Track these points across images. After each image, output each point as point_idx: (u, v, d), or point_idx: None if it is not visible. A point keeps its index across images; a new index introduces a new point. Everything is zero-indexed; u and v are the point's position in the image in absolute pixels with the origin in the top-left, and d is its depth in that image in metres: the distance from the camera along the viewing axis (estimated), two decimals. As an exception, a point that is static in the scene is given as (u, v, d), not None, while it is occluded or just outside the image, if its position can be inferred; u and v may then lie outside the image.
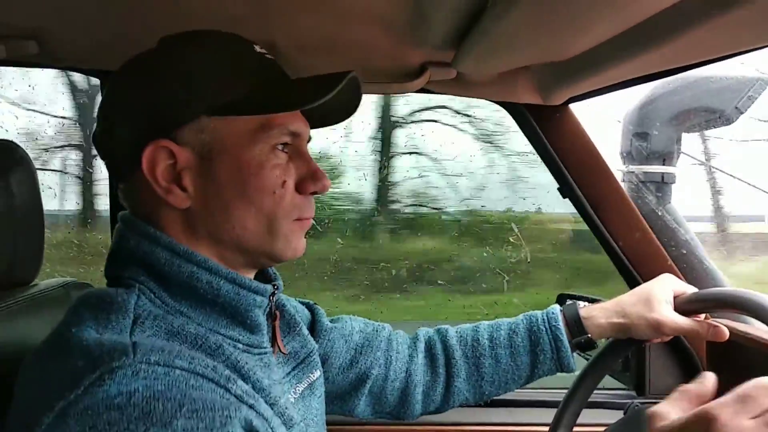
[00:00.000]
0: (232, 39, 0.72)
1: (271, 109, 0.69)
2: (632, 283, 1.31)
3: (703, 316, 0.95)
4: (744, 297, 0.80)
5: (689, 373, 1.33)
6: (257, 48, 0.73)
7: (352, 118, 0.82)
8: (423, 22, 0.90)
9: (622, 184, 1.32)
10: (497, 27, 0.81)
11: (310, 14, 0.90)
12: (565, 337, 0.99)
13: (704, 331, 0.91)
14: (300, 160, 0.74)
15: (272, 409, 0.66)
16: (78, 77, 2.50)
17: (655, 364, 1.35)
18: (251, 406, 0.62)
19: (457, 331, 1.05)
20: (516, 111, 1.28)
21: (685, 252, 1.29)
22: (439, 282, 3.13)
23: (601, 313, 0.98)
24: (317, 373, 0.87)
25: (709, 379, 0.69)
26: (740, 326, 0.96)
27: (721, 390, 0.99)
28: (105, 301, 0.63)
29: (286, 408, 0.70)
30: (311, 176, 0.74)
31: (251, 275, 0.76)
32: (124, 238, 0.69)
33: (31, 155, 0.95)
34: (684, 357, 1.34)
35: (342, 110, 0.80)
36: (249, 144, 0.69)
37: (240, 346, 0.70)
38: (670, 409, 0.65)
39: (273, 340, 0.78)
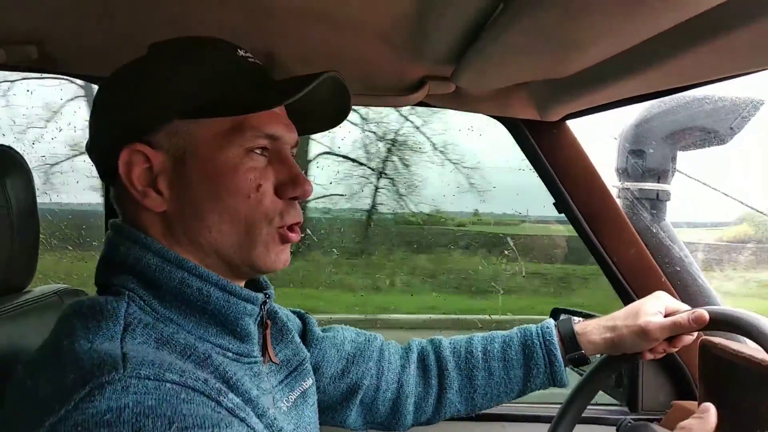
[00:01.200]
0: (213, 43, 0.72)
1: (239, 110, 0.68)
2: (626, 299, 1.31)
3: (695, 334, 0.95)
4: (737, 316, 0.80)
5: (682, 390, 1.34)
6: (240, 52, 0.73)
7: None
8: (423, 38, 0.90)
9: (618, 201, 1.33)
10: (495, 45, 0.81)
11: (311, 26, 0.90)
12: (559, 352, 0.99)
13: (685, 322, 0.91)
14: (280, 164, 0.72)
15: (261, 420, 0.66)
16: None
17: (648, 381, 1.35)
18: (242, 420, 0.61)
19: (450, 343, 1.05)
20: (513, 126, 1.29)
21: (679, 269, 1.29)
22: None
23: (595, 330, 0.99)
24: (309, 381, 0.87)
25: (711, 414, 0.69)
26: (733, 345, 0.96)
27: (716, 407, 1.00)
28: (95, 309, 0.63)
29: (275, 418, 0.70)
30: (291, 180, 0.72)
31: (241, 285, 0.75)
32: (114, 245, 0.69)
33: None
34: (677, 374, 1.34)
35: (331, 116, 0.80)
36: (222, 147, 0.68)
37: (230, 355, 0.69)
38: None
39: (264, 349, 0.77)
